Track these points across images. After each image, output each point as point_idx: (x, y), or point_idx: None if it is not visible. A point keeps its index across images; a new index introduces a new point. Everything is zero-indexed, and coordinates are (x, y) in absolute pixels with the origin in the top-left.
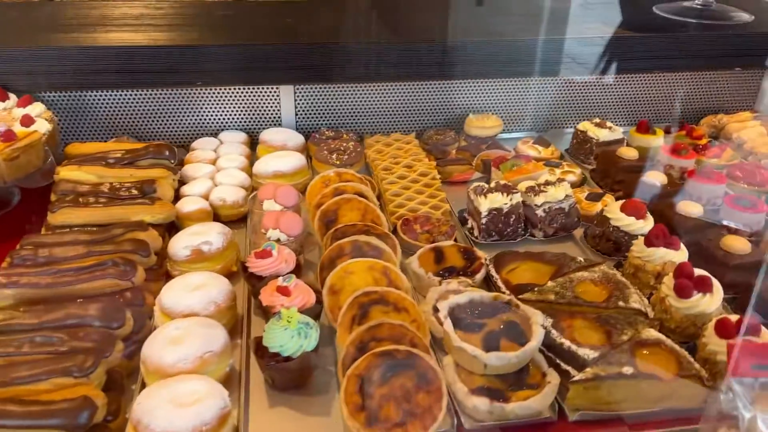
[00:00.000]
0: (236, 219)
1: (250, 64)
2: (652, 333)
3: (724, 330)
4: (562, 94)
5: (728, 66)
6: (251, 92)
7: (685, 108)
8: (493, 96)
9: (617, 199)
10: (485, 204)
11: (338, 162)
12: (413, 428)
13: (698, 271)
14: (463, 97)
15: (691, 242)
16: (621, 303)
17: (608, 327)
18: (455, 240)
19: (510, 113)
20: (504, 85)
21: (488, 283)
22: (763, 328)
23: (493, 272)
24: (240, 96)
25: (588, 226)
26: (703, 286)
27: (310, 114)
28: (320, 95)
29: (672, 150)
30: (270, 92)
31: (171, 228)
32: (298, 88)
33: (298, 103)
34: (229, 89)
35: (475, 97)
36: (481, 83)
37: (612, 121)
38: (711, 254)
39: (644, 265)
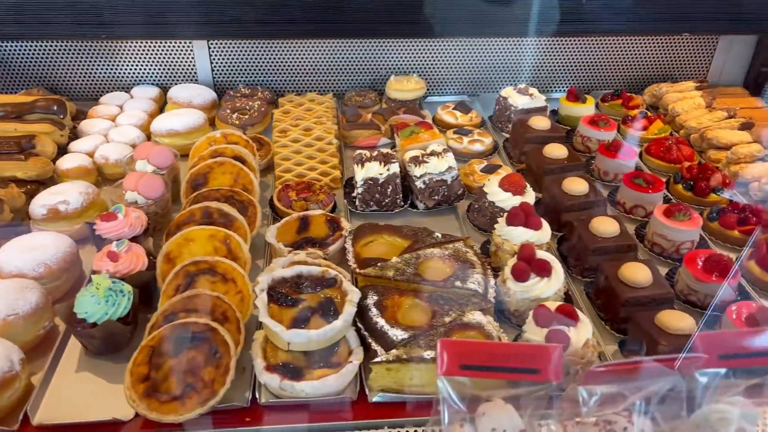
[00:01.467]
0: (121, 178)
1: (156, 18)
2: (475, 316)
3: (541, 318)
4: (496, 56)
5: (676, 31)
6: (164, 47)
7: (637, 75)
8: (418, 57)
9: (519, 171)
10: (361, 173)
11: (237, 122)
12: (190, 402)
13: (542, 254)
14: (388, 58)
15: (566, 222)
16: (458, 283)
17: (436, 307)
18: (334, 208)
19: (437, 75)
20: (430, 46)
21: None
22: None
23: (348, 244)
24: (153, 51)
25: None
26: (541, 270)
27: (228, 70)
28: (237, 51)
29: (590, 121)
30: (182, 47)
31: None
32: (213, 44)
33: (214, 59)
34: (143, 43)
35: (400, 57)
36: (405, 43)
37: (555, 88)
38: (578, 235)
39: (502, 244)
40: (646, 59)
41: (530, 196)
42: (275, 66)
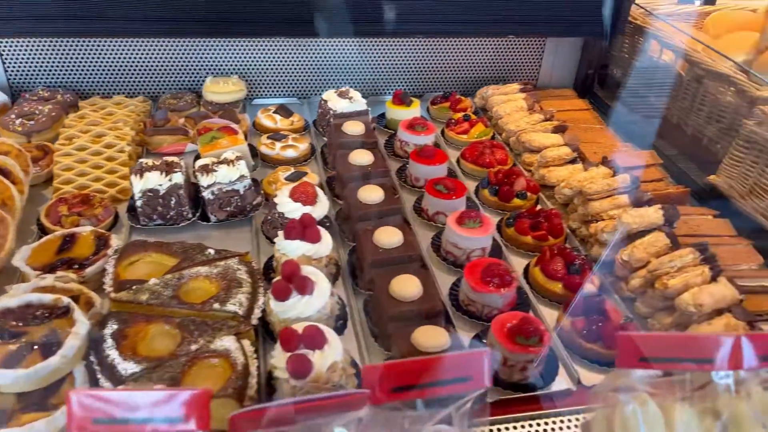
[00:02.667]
0: None
1: None
2: (224, 342)
3: (284, 341)
4: (325, 58)
5: (502, 33)
6: None
7: (471, 77)
8: (240, 57)
9: (328, 180)
10: (139, 184)
11: (20, 128)
12: None
13: (309, 270)
14: (208, 58)
15: (356, 232)
16: (217, 305)
17: (186, 334)
18: (115, 223)
19: (264, 77)
20: (253, 46)
21: None
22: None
23: (109, 265)
24: None
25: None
26: (301, 288)
27: (26, 71)
28: (36, 50)
29: (408, 125)
30: None
31: None
32: (3, 42)
33: (8, 59)
34: None
35: (222, 57)
36: (227, 43)
37: (388, 91)
38: (360, 246)
39: (281, 258)
40: (479, 61)
41: (322, 207)
42: (80, 66)
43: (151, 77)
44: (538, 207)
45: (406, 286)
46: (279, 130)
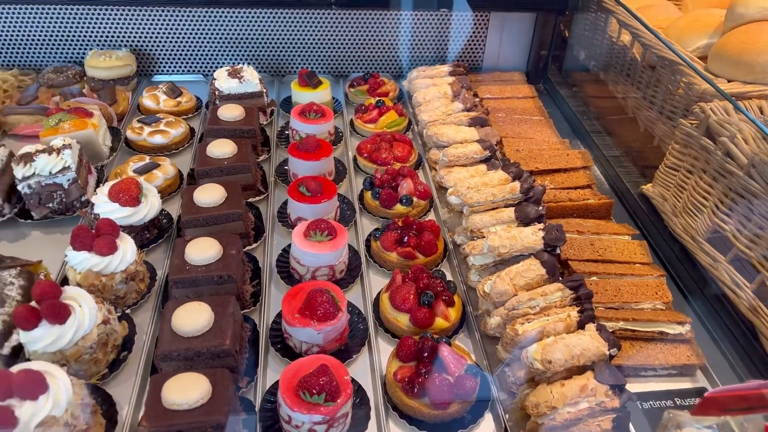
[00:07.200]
0: None
1: None
2: None
3: None
4: (233, 30)
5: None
6: None
7: (410, 57)
8: (130, 28)
9: (191, 172)
10: None
11: None
12: None
13: (72, 292)
14: (91, 28)
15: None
16: None
17: None
18: None
19: (160, 50)
20: (145, 15)
21: None
22: None
23: None
24: None
25: None
26: (53, 316)
27: None
28: None
29: (300, 111)
30: None
31: None
32: None
33: None
34: None
35: (109, 28)
36: (114, 11)
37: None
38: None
39: (68, 272)
40: (415, 38)
41: (147, 209)
42: None
43: (28, 47)
44: (429, 218)
45: (191, 318)
46: (159, 112)
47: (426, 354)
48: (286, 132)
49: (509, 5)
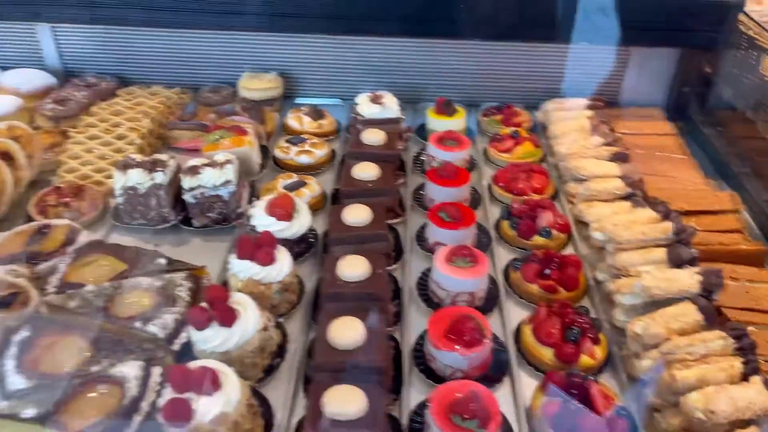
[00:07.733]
0: None
1: None
2: (125, 369)
3: (173, 380)
4: (372, 57)
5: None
6: (4, 28)
7: (542, 88)
8: (282, 52)
9: (335, 191)
10: (120, 181)
11: (50, 113)
12: None
13: (237, 298)
14: (244, 51)
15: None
16: (139, 324)
17: (95, 351)
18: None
19: (304, 75)
20: (294, 42)
21: None
22: None
23: (63, 264)
24: None
25: None
26: (223, 318)
27: (81, 57)
28: (89, 36)
29: (438, 139)
30: (24, 29)
31: None
32: (59, 27)
33: (63, 44)
34: None
35: (261, 53)
36: (266, 37)
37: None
38: (323, 276)
39: (230, 279)
40: (548, 70)
41: (300, 224)
42: (127, 54)
43: (189, 68)
44: (567, 251)
45: (345, 332)
46: (302, 133)
47: (575, 391)
48: (422, 158)
49: (654, 41)
